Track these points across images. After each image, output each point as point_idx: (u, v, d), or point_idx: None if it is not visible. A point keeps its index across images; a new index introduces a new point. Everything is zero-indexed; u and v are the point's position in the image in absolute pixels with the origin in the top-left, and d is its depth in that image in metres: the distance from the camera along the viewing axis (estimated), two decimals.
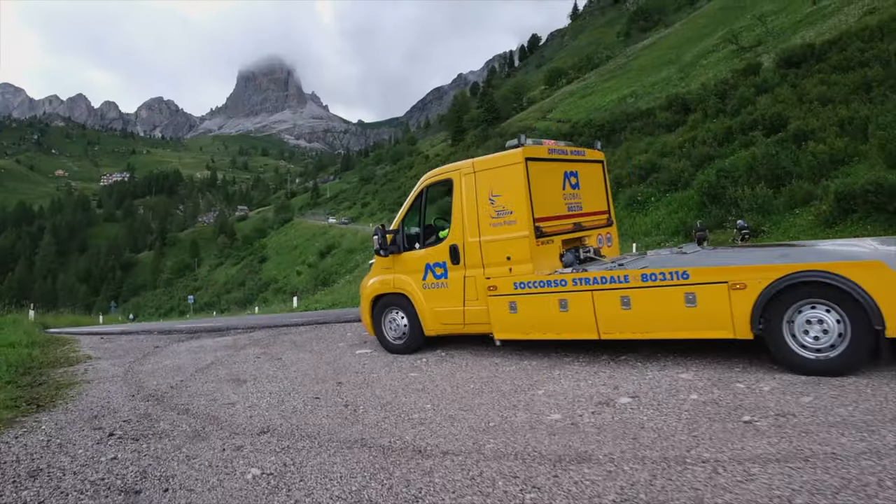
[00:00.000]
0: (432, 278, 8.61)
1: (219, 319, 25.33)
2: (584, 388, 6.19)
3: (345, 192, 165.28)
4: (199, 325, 13.80)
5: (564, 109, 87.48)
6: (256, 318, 15.76)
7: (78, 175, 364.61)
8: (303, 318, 14.01)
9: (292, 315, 16.54)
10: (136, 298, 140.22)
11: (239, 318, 18.88)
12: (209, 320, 19.82)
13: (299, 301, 22.48)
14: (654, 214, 35.54)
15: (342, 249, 53.59)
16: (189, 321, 32.67)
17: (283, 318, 14.38)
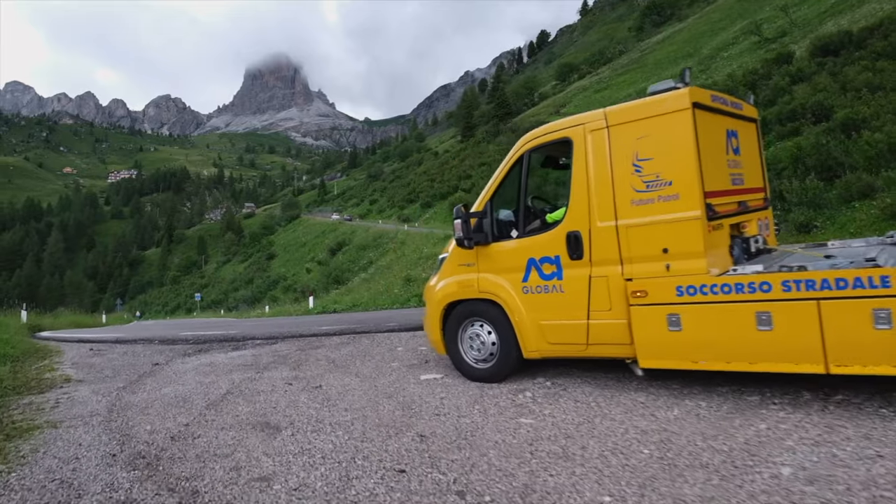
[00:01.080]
0: (537, 278, 6.18)
1: (230, 323, 23.83)
2: (842, 456, 3.84)
3: (352, 189, 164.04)
4: (207, 332, 12.40)
5: (579, 104, 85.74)
6: (274, 322, 14.04)
7: (86, 172, 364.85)
8: (332, 323, 12.05)
9: (314, 319, 15.12)
10: (143, 295, 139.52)
11: (253, 322, 17.35)
12: (217, 324, 18.19)
13: (315, 301, 20.95)
14: None
15: (354, 246, 52.13)
16: (195, 322, 31.14)
17: (307, 325, 12.45)
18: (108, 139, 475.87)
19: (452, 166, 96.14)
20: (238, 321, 27.82)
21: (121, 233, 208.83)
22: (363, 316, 13.75)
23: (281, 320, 16.07)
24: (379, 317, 12.67)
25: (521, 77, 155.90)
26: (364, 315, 14.24)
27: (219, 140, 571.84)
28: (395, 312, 14.19)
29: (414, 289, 17.94)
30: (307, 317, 18.63)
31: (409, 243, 34.69)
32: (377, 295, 19.26)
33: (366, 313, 16.03)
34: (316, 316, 17.56)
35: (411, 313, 12.46)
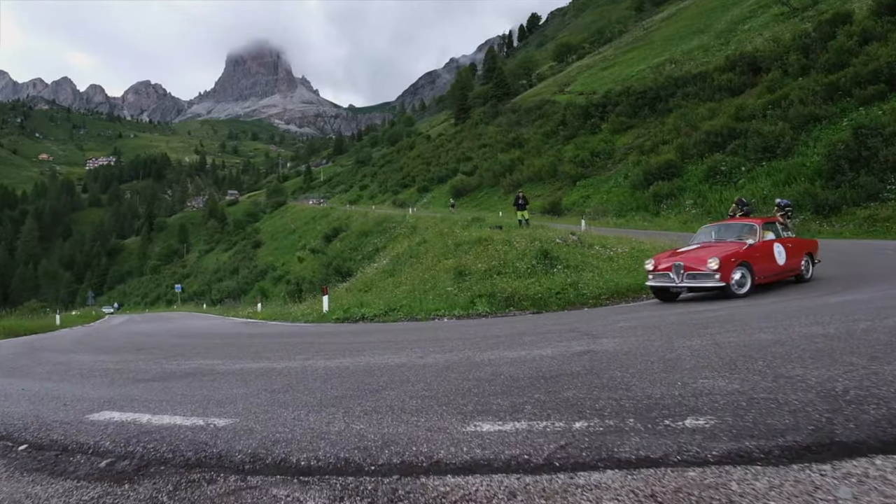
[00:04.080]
0: None
1: (210, 326, 18.60)
2: None
3: (339, 175, 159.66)
4: (175, 364, 6.85)
5: (584, 82, 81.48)
6: (282, 342, 8.61)
7: (63, 159, 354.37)
8: (415, 374, 5.17)
9: (356, 341, 8.69)
10: (122, 286, 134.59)
11: (243, 335, 12.47)
12: (194, 330, 13.15)
13: (330, 303, 15.72)
14: (752, 187, 29.15)
15: (353, 233, 46.96)
16: (172, 323, 25.80)
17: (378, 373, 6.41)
18: (86, 125, 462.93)
19: (449, 149, 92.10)
20: (221, 322, 22.71)
21: (99, 221, 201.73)
22: (448, 336, 8.02)
23: (291, 338, 9.80)
24: (484, 340, 6.99)
25: (515, 59, 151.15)
26: (430, 330, 9.13)
27: (200, 127, 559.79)
28: (483, 325, 9.25)
29: (475, 285, 13.05)
30: (327, 326, 13.60)
31: (428, 228, 29.60)
32: (418, 293, 14.29)
33: (421, 325, 11.04)
34: (340, 327, 12.54)
35: (528, 332, 7.60)
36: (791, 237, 12.38)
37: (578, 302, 11.56)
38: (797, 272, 12.00)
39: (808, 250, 12.30)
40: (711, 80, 44.00)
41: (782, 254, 11.61)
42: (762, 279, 11.18)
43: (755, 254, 11.20)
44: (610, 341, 5.38)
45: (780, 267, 11.55)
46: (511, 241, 16.05)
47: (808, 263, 12.24)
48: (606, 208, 37.21)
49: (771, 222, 12.53)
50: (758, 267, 11.07)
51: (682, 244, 12.79)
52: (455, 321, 11.02)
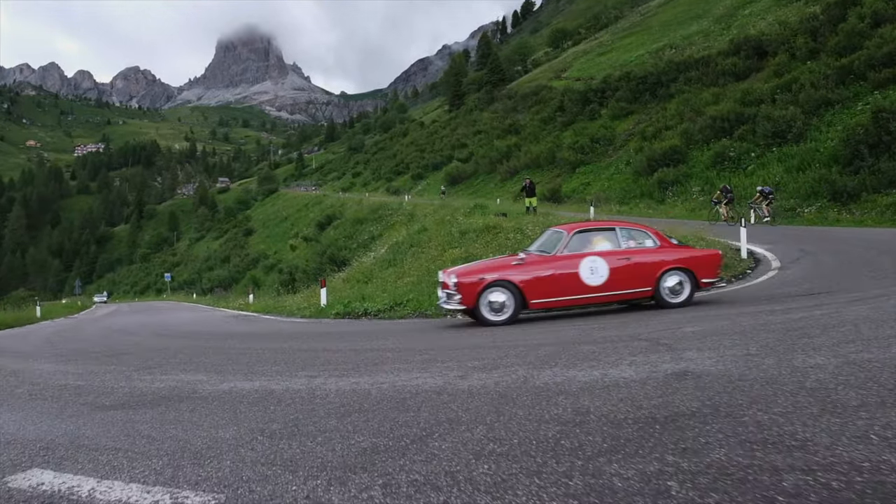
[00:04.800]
0: None
1: (195, 323, 17.41)
2: None
3: (331, 162, 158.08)
4: (148, 379, 5.56)
5: (581, 67, 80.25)
6: (283, 357, 7.73)
7: (50, 146, 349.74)
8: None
9: (360, 347, 7.37)
10: (112, 274, 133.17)
11: (236, 334, 11.35)
12: (190, 312, 11.94)
13: (328, 296, 14.35)
14: (763, 173, 28.06)
15: (347, 220, 45.67)
16: (159, 316, 24.58)
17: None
18: (74, 112, 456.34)
19: (443, 136, 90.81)
20: (211, 315, 21.47)
21: (88, 209, 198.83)
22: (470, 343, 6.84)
23: (290, 341, 9.10)
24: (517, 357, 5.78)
25: (509, 45, 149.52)
26: (452, 333, 8.01)
27: (190, 113, 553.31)
28: (516, 328, 8.03)
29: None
30: (327, 323, 12.31)
31: (426, 216, 28.45)
32: (424, 285, 13.08)
33: (435, 324, 9.86)
34: (341, 324, 11.43)
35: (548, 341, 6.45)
36: (646, 248, 9.27)
37: None
38: (643, 294, 9.09)
39: (677, 266, 9.05)
40: (715, 65, 42.91)
41: (600, 271, 8.89)
42: (547, 304, 9.09)
43: (535, 273, 9.06)
44: (700, 357, 4.25)
45: (589, 288, 8.90)
46: (523, 229, 14.90)
47: (686, 283, 9.03)
48: (609, 195, 36.11)
49: (609, 228, 9.66)
50: (536, 288, 8.93)
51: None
52: (471, 319, 9.87)
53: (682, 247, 9.73)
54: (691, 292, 9.03)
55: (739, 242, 13.72)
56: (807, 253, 13.08)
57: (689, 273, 9.06)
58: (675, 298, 8.96)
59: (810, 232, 18.36)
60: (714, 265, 9.33)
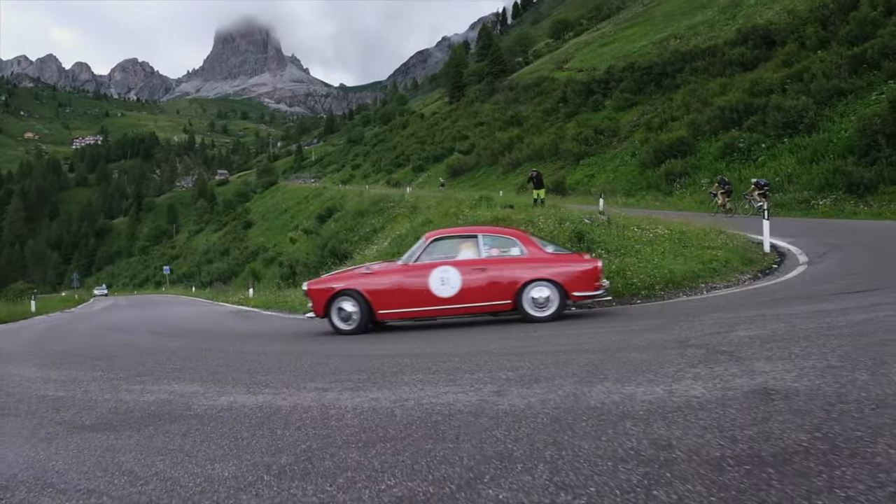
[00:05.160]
0: None
1: (204, 309, 16.81)
2: None
3: (331, 154, 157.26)
4: (137, 390, 4.84)
5: (583, 58, 79.49)
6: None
7: (48, 138, 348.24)
8: None
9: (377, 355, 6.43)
10: (111, 267, 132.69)
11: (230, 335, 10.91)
12: (189, 306, 11.21)
13: None
14: (774, 164, 27.42)
15: (347, 213, 44.94)
16: (158, 310, 24.00)
17: None
18: (72, 104, 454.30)
19: (444, 128, 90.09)
20: (210, 310, 20.88)
21: (86, 201, 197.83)
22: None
23: (294, 343, 8.46)
24: None
25: (509, 36, 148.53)
26: (475, 336, 7.36)
27: (189, 105, 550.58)
28: (542, 328, 7.34)
29: None
30: None
31: (430, 208, 27.80)
32: None
33: (439, 322, 9.32)
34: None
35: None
36: (508, 258, 8.65)
37: (627, 293, 9.85)
38: (501, 307, 8.58)
39: (542, 278, 8.34)
40: (722, 55, 42.29)
41: (451, 282, 8.48)
42: (395, 314, 8.86)
43: (381, 282, 8.86)
44: (774, 369, 3.66)
45: (439, 300, 8.54)
46: (534, 221, 14.29)
47: (555, 297, 8.31)
48: (614, 187, 35.51)
49: (472, 235, 9.07)
50: (383, 299, 8.74)
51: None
52: (489, 316, 9.27)
53: (558, 256, 8.83)
54: (559, 306, 8.37)
55: (761, 236, 13.13)
56: (834, 247, 12.47)
57: (558, 286, 8.35)
58: (540, 312, 8.37)
59: (829, 225, 17.76)
60: (590, 278, 8.37)
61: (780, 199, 23.77)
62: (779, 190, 24.86)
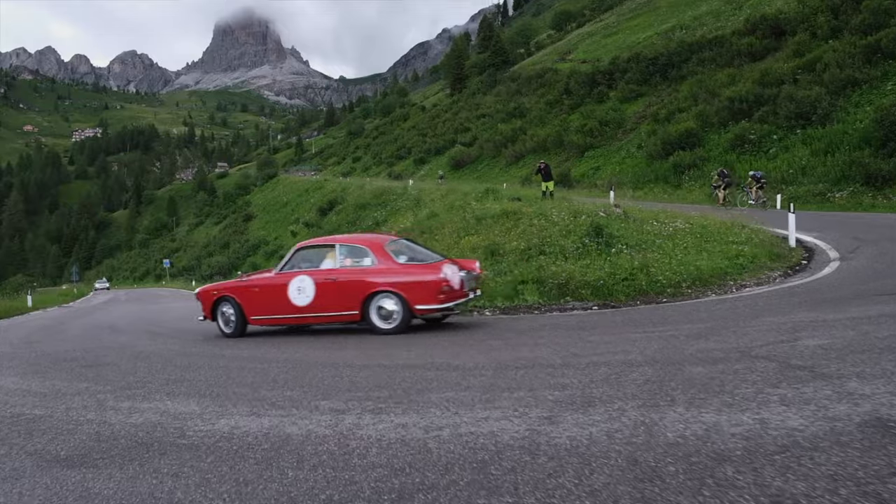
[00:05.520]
0: None
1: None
2: None
3: (331, 147, 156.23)
4: (125, 409, 4.33)
5: (587, 49, 78.62)
6: None
7: (48, 130, 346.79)
8: None
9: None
10: (111, 260, 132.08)
11: None
12: (190, 302, 10.55)
13: None
14: (787, 156, 26.79)
15: (349, 205, 44.29)
16: (157, 304, 23.46)
17: None
18: (72, 96, 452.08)
19: (445, 120, 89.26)
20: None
21: (86, 194, 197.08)
22: None
23: (302, 348, 7.76)
24: None
25: (511, 28, 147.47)
26: (496, 342, 6.71)
27: (188, 98, 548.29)
28: (573, 335, 6.67)
29: (514, 268, 10.71)
30: None
31: (434, 201, 27.17)
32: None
33: (464, 322, 8.65)
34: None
35: None
36: (358, 268, 8.72)
37: (652, 291, 9.25)
38: (350, 317, 8.69)
39: (386, 289, 8.36)
40: (730, 45, 41.53)
41: (307, 291, 8.81)
42: (263, 321, 9.45)
43: (251, 289, 9.47)
44: (878, 391, 3.09)
45: (300, 308, 8.90)
46: (547, 215, 13.69)
47: (399, 309, 8.28)
48: (621, 179, 34.87)
49: (330, 245, 9.34)
50: (251, 305, 9.37)
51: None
52: (503, 316, 8.69)
53: (407, 267, 8.64)
54: (403, 319, 8.31)
55: (785, 230, 12.54)
56: (863, 241, 11.87)
57: (401, 297, 8.30)
58: (385, 324, 8.40)
59: (850, 218, 17.16)
60: (430, 290, 8.19)
61: (795, 192, 23.17)
62: (793, 182, 24.30)
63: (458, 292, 8.35)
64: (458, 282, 8.30)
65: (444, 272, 8.23)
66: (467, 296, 8.62)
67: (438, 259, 9.15)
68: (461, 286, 8.36)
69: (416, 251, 9.52)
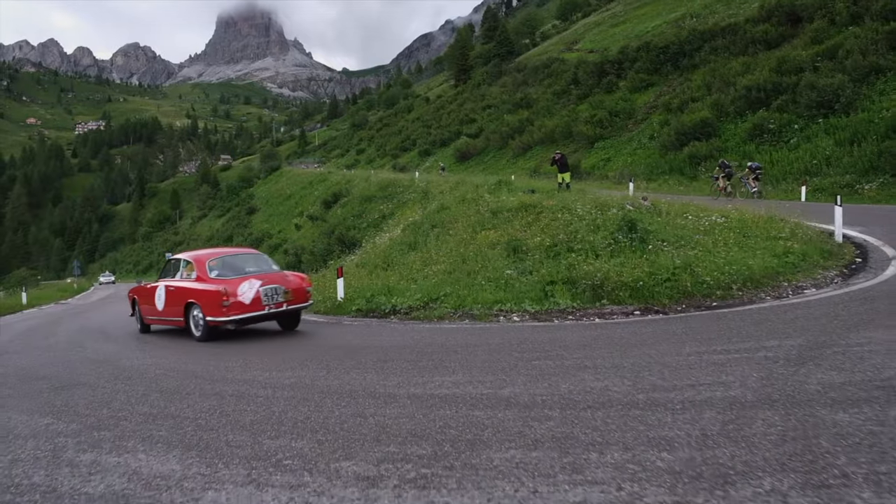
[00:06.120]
0: None
1: None
2: None
3: (335, 139, 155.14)
4: (82, 474, 3.18)
5: (593, 39, 77.43)
6: None
7: (51, 123, 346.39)
8: None
9: None
10: (114, 253, 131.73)
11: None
12: None
13: (345, 286, 11.93)
14: (809, 147, 25.73)
15: (354, 198, 43.26)
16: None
17: None
18: (75, 89, 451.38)
19: (450, 111, 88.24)
20: None
21: (89, 187, 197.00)
22: None
23: (308, 362, 6.88)
24: None
25: (515, 18, 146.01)
26: (534, 353, 6.02)
27: (191, 90, 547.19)
28: (627, 346, 5.89)
29: (540, 266, 9.74)
30: (348, 325, 9.99)
31: (443, 193, 26.23)
32: (460, 275, 10.90)
33: (494, 330, 7.66)
34: (368, 329, 9.23)
35: None
36: (185, 279, 10.15)
37: (698, 293, 8.31)
38: (181, 324, 10.09)
39: (191, 300, 9.82)
40: (743, 33, 40.47)
41: (161, 298, 10.57)
42: (152, 321, 11.24)
43: (141, 294, 11.54)
44: None
45: (159, 312, 10.65)
46: (571, 208, 12.73)
47: (201, 318, 9.51)
48: (634, 171, 33.86)
49: (179, 259, 10.79)
50: (143, 307, 11.40)
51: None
52: (536, 324, 7.74)
53: (211, 280, 9.59)
54: (204, 327, 9.42)
55: (830, 225, 11.58)
56: None
57: (200, 308, 9.48)
58: (196, 332, 9.71)
59: (890, 211, 16.17)
60: (214, 303, 9.14)
61: (819, 184, 22.23)
62: (817, 174, 23.32)
63: (250, 306, 9.18)
64: (252, 296, 9.18)
65: (231, 287, 9.19)
66: (265, 309, 9.32)
67: (256, 273, 9.86)
68: (256, 301, 9.20)
69: (237, 268, 10.11)
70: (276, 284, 9.49)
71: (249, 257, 10.80)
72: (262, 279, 9.42)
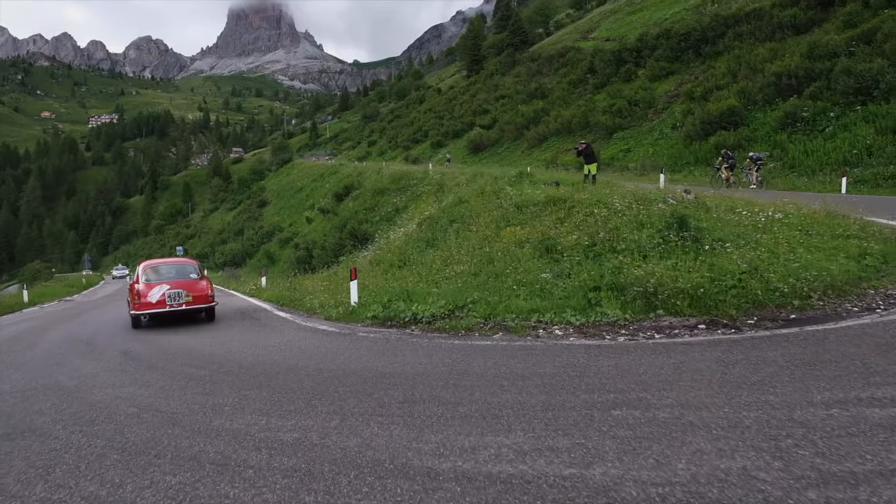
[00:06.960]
0: None
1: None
2: None
3: (346, 131, 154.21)
4: None
5: (610, 27, 75.74)
6: None
7: (65, 117, 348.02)
8: None
9: None
10: (127, 246, 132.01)
11: None
12: None
13: (359, 289, 10.82)
14: (847, 136, 24.32)
15: (366, 191, 42.21)
16: None
17: None
18: (88, 82, 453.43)
19: (463, 102, 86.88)
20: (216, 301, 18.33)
21: (103, 180, 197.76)
22: None
23: (324, 399, 5.46)
24: None
25: (528, 7, 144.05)
26: (614, 389, 4.81)
27: (203, 83, 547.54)
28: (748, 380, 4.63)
29: (580, 269, 8.61)
30: (365, 336, 8.68)
31: (459, 186, 25.10)
32: (488, 276, 9.77)
33: (542, 350, 6.42)
34: (384, 341, 8.05)
35: None
36: None
37: (771, 303, 7.11)
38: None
39: (127, 296, 15.35)
40: (770, 17, 38.96)
41: (129, 294, 13.96)
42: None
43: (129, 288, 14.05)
44: None
45: (131, 305, 13.37)
46: (608, 203, 11.54)
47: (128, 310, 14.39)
48: (656, 162, 32.56)
49: (140, 266, 14.06)
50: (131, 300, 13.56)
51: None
52: (585, 342, 6.56)
53: (139, 283, 12.97)
54: (131, 318, 12.98)
55: (880, 218, 10.34)
56: None
57: (128, 303, 13.60)
58: None
59: None
60: (134, 299, 12.81)
61: (861, 175, 20.90)
62: (857, 164, 21.95)
63: (156, 304, 12.16)
64: (158, 297, 12.19)
65: (145, 290, 12.42)
66: (167, 307, 12.17)
67: (170, 280, 12.97)
68: (161, 301, 12.17)
69: (162, 274, 13.32)
70: (179, 289, 12.36)
71: (174, 267, 13.93)
72: (170, 284, 12.54)
